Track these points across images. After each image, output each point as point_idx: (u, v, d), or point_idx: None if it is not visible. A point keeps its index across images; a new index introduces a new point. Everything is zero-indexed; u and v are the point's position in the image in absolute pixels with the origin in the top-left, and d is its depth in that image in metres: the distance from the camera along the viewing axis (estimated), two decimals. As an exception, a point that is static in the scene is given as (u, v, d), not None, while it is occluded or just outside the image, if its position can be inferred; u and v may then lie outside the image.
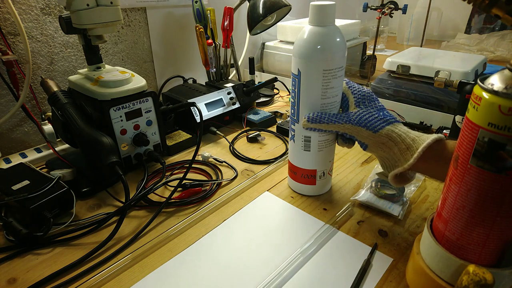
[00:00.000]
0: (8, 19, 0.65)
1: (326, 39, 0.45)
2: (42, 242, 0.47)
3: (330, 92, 0.47)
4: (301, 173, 0.55)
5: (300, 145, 0.52)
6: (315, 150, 0.52)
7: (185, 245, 0.47)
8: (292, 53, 0.48)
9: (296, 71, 0.48)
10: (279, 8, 0.91)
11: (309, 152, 0.52)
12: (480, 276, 0.29)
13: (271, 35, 1.22)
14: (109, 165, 0.52)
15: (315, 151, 0.52)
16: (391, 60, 0.96)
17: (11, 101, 0.70)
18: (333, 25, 0.46)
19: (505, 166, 0.28)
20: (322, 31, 0.45)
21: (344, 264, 0.43)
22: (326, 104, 0.48)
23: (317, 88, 0.47)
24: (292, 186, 0.59)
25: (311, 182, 0.55)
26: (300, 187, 0.57)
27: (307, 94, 0.48)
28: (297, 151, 0.53)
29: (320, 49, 0.45)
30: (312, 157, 0.52)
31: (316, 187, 0.56)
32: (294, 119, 0.52)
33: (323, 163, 0.53)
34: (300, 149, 0.52)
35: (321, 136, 0.51)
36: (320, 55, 0.45)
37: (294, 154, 0.54)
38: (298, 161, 0.54)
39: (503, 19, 0.28)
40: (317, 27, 0.45)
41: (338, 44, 0.46)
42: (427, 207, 0.54)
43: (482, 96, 0.28)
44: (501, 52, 1.39)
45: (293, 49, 0.48)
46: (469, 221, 0.32)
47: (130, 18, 0.85)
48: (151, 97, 0.62)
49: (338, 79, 0.47)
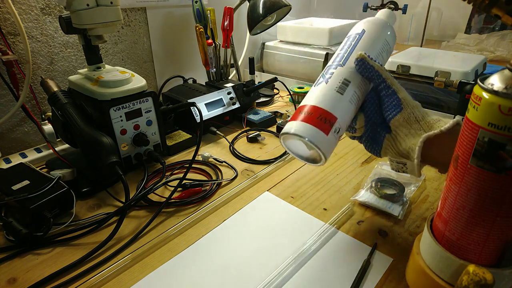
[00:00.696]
0: (8, 19, 0.65)
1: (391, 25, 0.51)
2: (42, 242, 0.47)
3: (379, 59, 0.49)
4: (320, 113, 0.44)
5: (334, 85, 0.45)
6: (348, 97, 0.45)
7: (185, 245, 0.47)
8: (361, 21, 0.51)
9: (359, 30, 0.50)
10: (279, 8, 0.91)
11: (341, 95, 0.45)
12: (480, 276, 0.29)
13: (271, 35, 1.22)
14: (109, 165, 0.52)
15: (347, 98, 0.45)
16: (391, 60, 0.96)
17: (11, 101, 0.70)
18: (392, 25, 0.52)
19: (505, 166, 0.28)
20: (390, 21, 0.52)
21: (344, 264, 0.43)
22: None
23: (375, 47, 0.49)
24: (297, 128, 0.45)
25: (325, 129, 0.44)
26: (310, 129, 0.44)
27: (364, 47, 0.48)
28: (327, 91, 0.45)
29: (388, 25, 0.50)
30: (341, 102, 0.45)
31: (325, 139, 0.44)
32: (338, 64, 0.47)
33: (346, 117, 0.46)
34: (333, 89, 0.45)
35: (358, 89, 0.46)
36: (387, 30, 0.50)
37: (321, 93, 0.46)
38: (322, 101, 0.45)
39: (503, 19, 0.28)
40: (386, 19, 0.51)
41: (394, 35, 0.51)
42: (427, 207, 0.54)
43: (482, 96, 0.28)
44: (501, 52, 1.39)
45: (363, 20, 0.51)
46: (469, 221, 0.32)
47: (130, 18, 0.85)
48: (151, 97, 0.62)
49: (387, 55, 0.51)
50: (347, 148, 0.72)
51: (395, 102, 0.45)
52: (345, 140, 0.75)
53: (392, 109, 0.45)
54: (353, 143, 0.74)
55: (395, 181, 0.57)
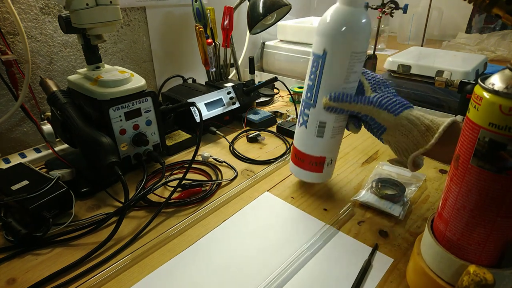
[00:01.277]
0: (8, 19, 0.65)
1: (356, 20, 0.43)
2: (42, 243, 0.47)
3: (353, 76, 0.46)
4: (310, 160, 0.52)
5: (313, 131, 0.50)
6: (328, 136, 0.50)
7: (185, 245, 0.47)
8: (317, 32, 0.46)
9: (321, 51, 0.45)
10: (279, 7, 0.91)
11: (322, 138, 0.50)
12: (481, 277, 0.29)
13: (271, 35, 1.22)
14: (108, 165, 0.52)
15: (328, 137, 0.50)
16: (391, 59, 0.95)
17: (10, 101, 0.70)
18: (362, 7, 0.44)
19: (505, 166, 0.28)
20: (353, 11, 0.43)
21: (345, 265, 0.43)
22: (347, 89, 0.47)
23: (342, 71, 0.45)
24: (296, 173, 0.56)
25: (318, 169, 0.53)
26: (306, 174, 0.54)
27: (331, 76, 0.46)
28: (309, 137, 0.51)
29: (350, 29, 0.43)
30: (324, 144, 0.51)
31: (322, 175, 0.54)
32: (309, 103, 0.49)
33: (334, 150, 0.52)
34: (313, 135, 0.50)
35: (337, 122, 0.49)
36: (350, 36, 0.43)
37: (304, 140, 0.52)
38: (308, 148, 0.52)
39: (504, 18, 0.28)
40: (347, 7, 0.43)
41: (366, 27, 0.44)
42: (428, 208, 0.53)
43: (483, 96, 0.28)
44: (502, 51, 1.39)
45: (319, 28, 0.45)
46: (470, 221, 0.32)
47: (129, 18, 0.85)
48: (151, 97, 0.62)
49: (361, 64, 0.46)
50: (348, 148, 0.72)
51: (376, 125, 0.47)
52: (346, 140, 0.75)
53: (376, 129, 0.47)
54: (353, 143, 0.74)
55: (396, 181, 0.57)
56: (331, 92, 0.46)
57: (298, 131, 0.53)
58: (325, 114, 0.48)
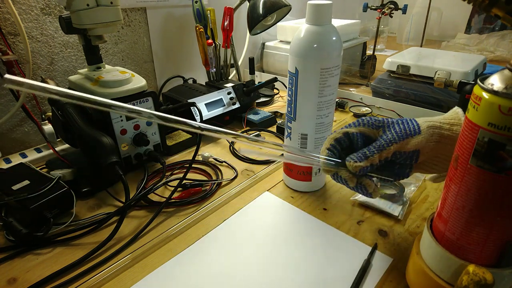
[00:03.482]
0: (8, 19, 0.65)
1: (323, 38, 0.46)
2: (42, 242, 0.47)
3: (327, 90, 0.48)
4: (297, 170, 0.56)
5: (297, 142, 0.53)
6: (312, 147, 0.53)
7: (185, 245, 0.47)
8: (289, 52, 0.49)
9: (293, 69, 0.49)
10: (279, 8, 0.91)
11: (306, 148, 0.53)
12: (480, 276, 0.29)
13: (271, 35, 1.22)
14: (109, 165, 0.52)
15: (312, 148, 0.53)
16: (391, 60, 0.95)
17: (11, 101, 0.70)
18: (329, 24, 0.47)
19: (505, 166, 0.28)
20: (319, 30, 0.46)
21: (344, 264, 0.43)
22: (323, 102, 0.49)
23: (314, 86, 0.48)
24: (287, 183, 0.59)
25: (307, 178, 0.56)
26: (295, 183, 0.58)
27: (305, 92, 0.49)
28: (294, 146, 0.54)
29: (317, 47, 0.46)
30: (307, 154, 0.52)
31: (312, 183, 0.57)
32: (290, 117, 0.52)
33: None
34: (297, 145, 0.53)
35: (318, 133, 0.52)
36: (318, 54, 0.46)
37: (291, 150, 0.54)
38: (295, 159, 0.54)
39: (503, 19, 0.28)
40: (314, 26, 0.47)
41: (335, 43, 0.47)
42: (427, 207, 0.54)
43: (482, 96, 0.28)
44: (501, 52, 1.39)
45: (290, 48, 0.49)
46: (469, 221, 0.32)
47: (130, 18, 0.85)
48: (151, 97, 0.62)
49: (334, 78, 0.48)
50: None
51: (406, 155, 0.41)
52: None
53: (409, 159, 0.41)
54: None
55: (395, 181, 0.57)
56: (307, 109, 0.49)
57: (285, 142, 0.57)
58: (305, 127, 0.52)
